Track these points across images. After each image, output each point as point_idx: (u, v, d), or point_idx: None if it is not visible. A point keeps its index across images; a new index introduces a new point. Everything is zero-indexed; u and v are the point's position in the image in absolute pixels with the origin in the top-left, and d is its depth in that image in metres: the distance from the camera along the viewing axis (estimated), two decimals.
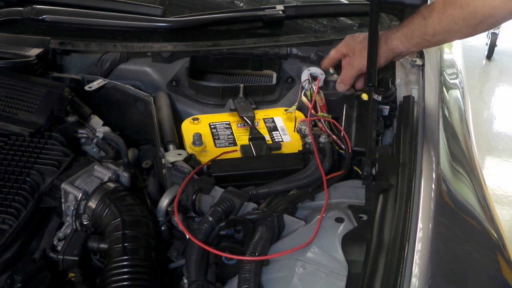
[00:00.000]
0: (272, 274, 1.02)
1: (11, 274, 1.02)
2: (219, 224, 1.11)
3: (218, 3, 2.08)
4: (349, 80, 1.49)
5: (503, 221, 3.10)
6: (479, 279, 1.05)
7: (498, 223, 1.20)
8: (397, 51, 1.42)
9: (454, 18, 1.27)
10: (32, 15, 1.68)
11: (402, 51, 1.43)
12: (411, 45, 1.39)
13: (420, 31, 1.35)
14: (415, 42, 1.38)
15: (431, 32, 1.33)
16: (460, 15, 1.26)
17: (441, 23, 1.30)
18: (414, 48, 1.43)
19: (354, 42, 1.48)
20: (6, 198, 1.12)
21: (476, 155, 1.44)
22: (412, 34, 1.37)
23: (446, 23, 1.29)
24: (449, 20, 1.28)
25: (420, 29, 1.35)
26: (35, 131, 1.28)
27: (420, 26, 1.34)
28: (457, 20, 1.27)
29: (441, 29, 1.31)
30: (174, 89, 1.65)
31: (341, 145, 1.38)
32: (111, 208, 1.14)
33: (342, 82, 1.50)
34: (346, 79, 1.49)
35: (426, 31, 1.34)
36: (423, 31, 1.34)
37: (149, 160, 1.49)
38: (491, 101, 4.61)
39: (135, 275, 1.03)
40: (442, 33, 1.32)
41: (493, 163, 3.81)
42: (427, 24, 1.33)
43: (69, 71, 1.64)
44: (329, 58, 1.56)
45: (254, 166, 1.31)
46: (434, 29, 1.32)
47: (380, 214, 1.08)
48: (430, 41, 1.37)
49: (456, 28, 1.29)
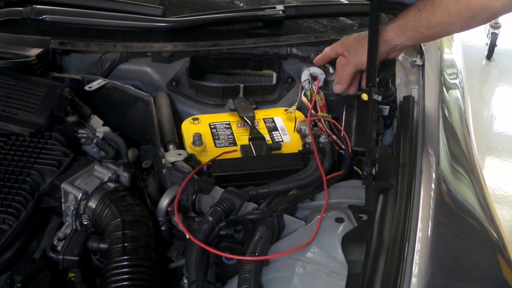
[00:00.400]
0: (272, 274, 1.02)
1: (11, 274, 1.02)
2: (219, 224, 1.11)
3: (218, 3, 2.08)
4: (346, 78, 1.47)
5: (503, 221, 3.10)
6: (479, 279, 1.05)
7: (498, 223, 1.20)
8: (392, 43, 1.41)
9: (448, 10, 1.27)
10: (32, 15, 1.68)
11: (397, 44, 1.41)
12: (406, 38, 1.38)
13: (414, 23, 1.34)
14: (409, 35, 1.37)
15: (425, 24, 1.32)
16: (455, 7, 1.26)
17: (435, 15, 1.29)
18: (409, 41, 1.41)
19: (349, 40, 1.48)
20: (6, 198, 1.12)
21: (476, 155, 1.44)
22: (406, 26, 1.36)
23: (441, 15, 1.29)
24: (443, 12, 1.28)
25: (415, 21, 1.34)
26: (35, 131, 1.28)
27: (414, 18, 1.34)
28: (451, 12, 1.27)
29: (435, 21, 1.30)
30: (174, 89, 1.65)
31: (341, 145, 1.38)
32: (111, 208, 1.14)
33: (338, 82, 1.49)
34: (343, 77, 1.47)
35: (421, 23, 1.33)
36: (417, 23, 1.34)
37: (149, 160, 1.49)
38: (491, 101, 4.60)
39: (135, 275, 1.03)
40: (437, 25, 1.32)
41: (493, 163, 3.80)
42: (422, 16, 1.32)
43: (69, 71, 1.64)
44: (323, 55, 1.54)
45: (254, 166, 1.31)
46: (429, 21, 1.32)
47: (380, 214, 1.08)
48: (424, 34, 1.36)
49: (450, 20, 1.28)
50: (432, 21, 1.31)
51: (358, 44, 1.43)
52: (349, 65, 1.45)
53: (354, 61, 1.44)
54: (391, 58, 1.48)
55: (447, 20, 1.29)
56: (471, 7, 1.24)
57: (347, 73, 1.46)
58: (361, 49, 1.41)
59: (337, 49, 1.50)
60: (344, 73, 1.47)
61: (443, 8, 1.27)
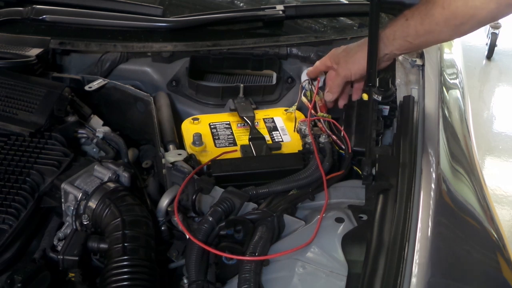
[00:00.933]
0: (272, 274, 1.02)
1: (11, 274, 1.02)
2: (219, 224, 1.11)
3: (218, 3, 2.08)
4: (337, 88, 1.47)
5: (503, 221, 3.10)
6: (479, 279, 1.05)
7: (498, 223, 1.20)
8: (380, 53, 1.39)
9: (435, 19, 1.26)
10: (32, 15, 1.68)
11: (386, 53, 1.40)
12: (394, 47, 1.37)
13: (402, 32, 1.34)
14: (397, 44, 1.36)
15: (413, 33, 1.32)
16: (442, 16, 1.25)
17: (423, 24, 1.29)
18: (397, 51, 1.40)
19: (337, 52, 1.47)
20: (6, 198, 1.12)
21: (476, 155, 1.44)
22: (394, 35, 1.35)
23: (428, 23, 1.28)
24: (430, 20, 1.27)
25: (403, 30, 1.33)
26: (35, 131, 1.28)
27: (402, 27, 1.33)
28: (438, 20, 1.26)
29: (422, 30, 1.30)
30: (174, 89, 1.65)
31: (341, 145, 1.38)
32: (111, 208, 1.14)
33: (330, 91, 1.48)
34: (333, 87, 1.47)
35: (409, 32, 1.32)
36: (405, 32, 1.33)
37: (149, 160, 1.49)
38: (491, 101, 4.61)
39: (135, 275, 1.03)
40: (424, 34, 1.31)
41: (493, 163, 3.80)
42: (410, 25, 1.31)
43: (69, 71, 1.64)
44: (314, 68, 1.53)
45: (254, 166, 1.31)
46: (416, 30, 1.31)
47: (380, 214, 1.08)
48: (413, 43, 1.34)
49: (438, 29, 1.28)
50: (419, 30, 1.30)
51: (347, 55, 1.43)
52: (339, 76, 1.45)
53: (343, 72, 1.44)
54: (383, 67, 1.47)
55: (435, 29, 1.28)
56: (458, 15, 1.23)
57: (337, 84, 1.46)
58: (350, 60, 1.41)
59: (326, 62, 1.49)
60: (335, 83, 1.46)
61: (430, 17, 1.27)
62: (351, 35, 1.76)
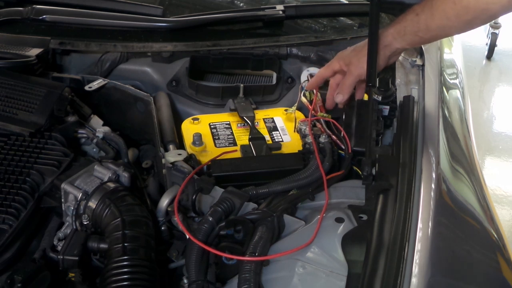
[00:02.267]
0: (272, 274, 1.02)
1: (11, 274, 1.02)
2: (219, 224, 1.11)
3: (218, 3, 2.08)
4: (348, 88, 1.42)
5: (503, 221, 3.10)
6: (479, 279, 1.05)
7: (498, 223, 1.20)
8: (391, 48, 1.39)
9: (447, 14, 1.26)
10: (32, 15, 1.68)
11: (397, 48, 1.40)
12: (405, 42, 1.37)
13: (413, 27, 1.33)
14: (408, 39, 1.36)
15: (424, 28, 1.31)
16: (453, 11, 1.24)
17: (434, 19, 1.28)
18: (408, 45, 1.40)
19: (346, 53, 1.45)
20: (6, 198, 1.12)
21: (476, 155, 1.44)
22: (405, 30, 1.35)
23: (439, 19, 1.28)
24: (441, 16, 1.27)
25: (413, 25, 1.33)
26: (35, 131, 1.28)
27: (413, 23, 1.33)
28: (450, 15, 1.25)
29: (434, 25, 1.29)
30: (174, 89, 1.65)
31: (341, 145, 1.37)
32: (111, 208, 1.14)
33: (341, 92, 1.43)
34: (345, 87, 1.42)
35: (419, 27, 1.32)
36: (416, 27, 1.33)
37: (149, 160, 1.49)
38: (491, 101, 4.60)
39: (135, 275, 1.03)
40: (435, 29, 1.31)
41: (493, 163, 3.80)
42: (420, 20, 1.31)
43: (69, 71, 1.64)
44: (317, 78, 1.49)
45: (254, 166, 1.31)
46: (427, 25, 1.30)
47: (380, 214, 1.08)
48: (423, 37, 1.35)
49: (449, 24, 1.27)
50: (431, 25, 1.30)
51: (359, 54, 1.40)
52: (352, 76, 1.41)
53: (357, 71, 1.41)
54: (392, 62, 1.46)
55: (446, 24, 1.28)
56: (470, 10, 1.23)
57: (350, 84, 1.42)
58: (363, 58, 1.38)
59: (333, 67, 1.45)
60: (346, 84, 1.42)
61: (441, 12, 1.26)
62: (351, 35, 1.75)
